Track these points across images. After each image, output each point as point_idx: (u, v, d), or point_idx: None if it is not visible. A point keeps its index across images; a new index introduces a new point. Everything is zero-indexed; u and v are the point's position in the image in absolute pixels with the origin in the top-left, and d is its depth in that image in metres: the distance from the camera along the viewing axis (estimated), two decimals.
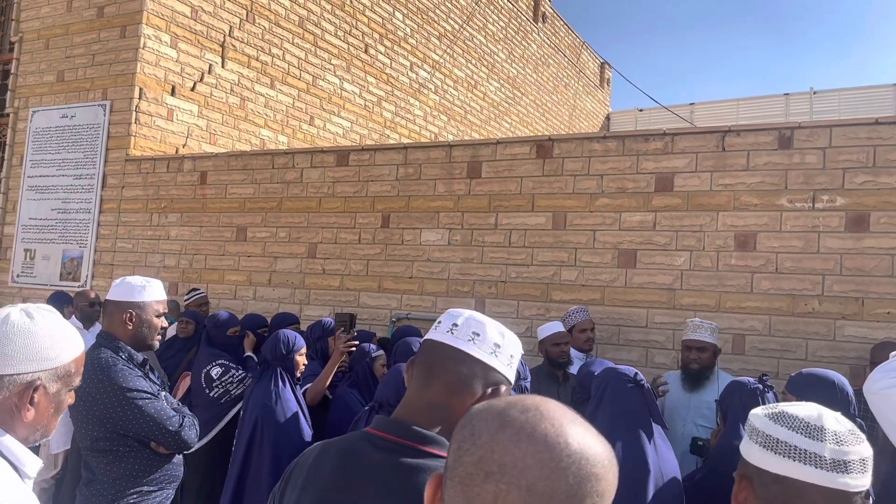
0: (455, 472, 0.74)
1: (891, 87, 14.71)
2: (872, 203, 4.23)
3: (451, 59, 11.68)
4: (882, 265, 4.18)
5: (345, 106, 9.58)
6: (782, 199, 4.45)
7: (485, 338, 1.27)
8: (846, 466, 1.09)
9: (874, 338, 4.12)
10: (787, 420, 1.15)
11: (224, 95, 7.97)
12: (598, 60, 17.58)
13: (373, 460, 1.22)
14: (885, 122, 4.28)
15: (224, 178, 6.55)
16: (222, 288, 6.41)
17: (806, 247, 4.37)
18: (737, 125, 4.71)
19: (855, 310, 4.23)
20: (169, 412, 2.57)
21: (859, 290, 4.22)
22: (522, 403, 0.76)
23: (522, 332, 5.15)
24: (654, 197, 4.80)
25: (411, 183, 5.66)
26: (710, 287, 4.59)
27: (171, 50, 7.40)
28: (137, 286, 2.66)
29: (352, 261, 5.83)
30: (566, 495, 0.69)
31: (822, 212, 4.35)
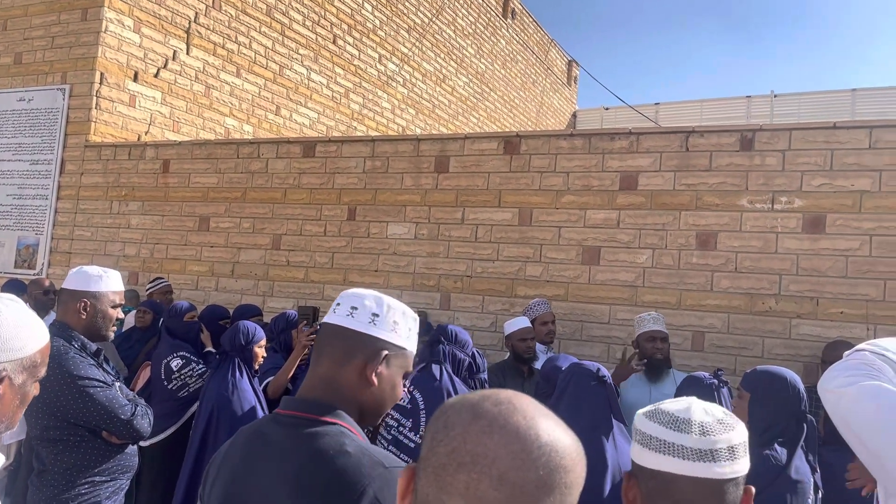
0: (428, 462, 0.76)
1: (848, 91, 15.08)
2: (829, 205, 4.34)
3: (420, 53, 11.65)
4: (836, 266, 4.30)
5: (312, 96, 9.49)
6: (743, 199, 4.54)
7: (362, 311, 1.37)
8: (713, 455, 1.12)
9: (827, 337, 4.24)
10: (659, 416, 1.18)
11: (188, 83, 7.83)
12: (565, 58, 17.69)
13: (276, 437, 1.32)
14: (843, 127, 4.39)
15: (187, 167, 6.45)
16: (184, 278, 6.31)
17: (764, 247, 4.46)
18: (700, 126, 4.80)
19: (810, 309, 4.34)
20: (121, 401, 2.53)
21: (814, 290, 4.34)
22: (496, 397, 0.78)
23: (487, 326, 5.18)
24: (618, 195, 4.86)
25: (378, 176, 5.63)
26: (671, 285, 4.67)
27: (133, 35, 7.24)
28: (94, 276, 2.62)
29: (317, 253, 5.79)
30: (536, 485, 0.71)
31: (781, 213, 4.45)
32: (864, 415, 1.27)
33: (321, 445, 1.26)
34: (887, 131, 4.26)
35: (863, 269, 4.24)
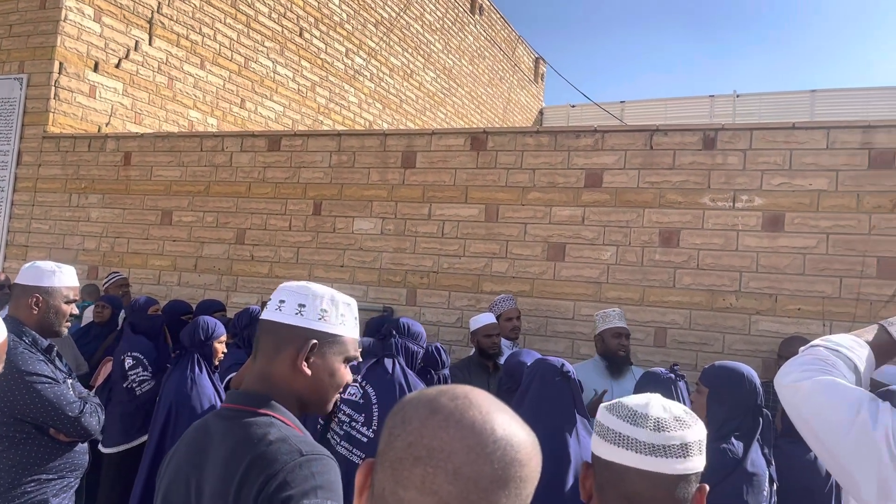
0: (386, 456, 0.76)
1: (808, 93, 15.42)
2: (787, 204, 4.44)
3: (388, 47, 11.60)
4: (794, 263, 4.39)
5: (277, 90, 9.39)
6: (705, 197, 4.62)
7: (289, 303, 1.41)
8: (665, 450, 1.13)
9: (785, 332, 4.34)
10: (618, 409, 1.20)
11: (151, 74, 7.69)
12: (532, 55, 17.77)
13: (216, 428, 1.38)
14: (801, 128, 4.49)
15: (149, 160, 6.33)
16: (145, 273, 6.21)
17: (725, 244, 4.55)
18: (664, 125, 4.86)
19: (769, 305, 4.44)
20: (70, 398, 2.48)
21: (773, 287, 4.43)
22: (453, 392, 0.78)
23: (453, 322, 5.19)
24: (583, 192, 4.91)
25: (344, 170, 5.60)
26: (634, 281, 4.73)
27: (94, 24, 7.08)
28: (47, 271, 2.57)
29: (281, 248, 5.74)
30: (490, 479, 0.71)
31: (742, 211, 4.53)
32: (817, 409, 1.31)
33: (247, 434, 1.32)
34: (844, 132, 4.37)
35: (819, 267, 4.34)
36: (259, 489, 1.24)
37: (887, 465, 1.20)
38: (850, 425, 1.25)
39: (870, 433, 1.23)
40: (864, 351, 1.40)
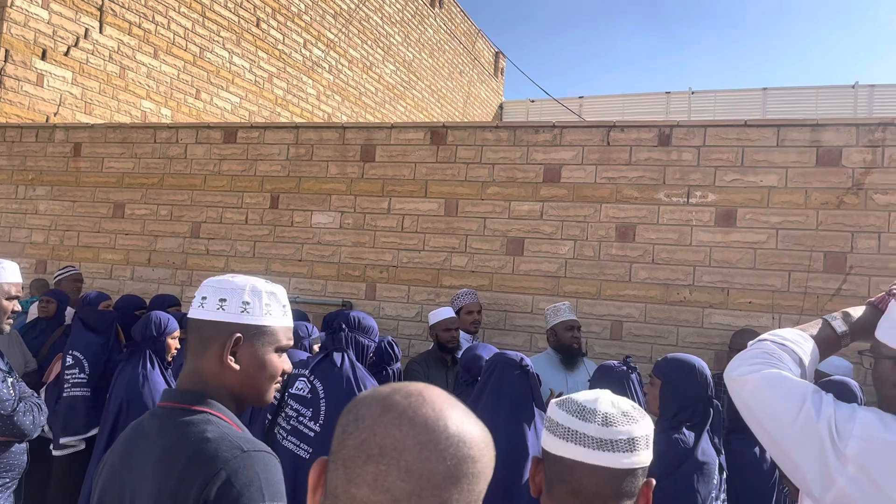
0: (338, 454, 0.76)
1: (760, 90, 15.78)
2: (739, 200, 4.54)
3: (347, 39, 11.50)
4: (746, 258, 4.50)
5: (234, 80, 9.24)
6: (660, 193, 4.70)
7: (210, 299, 1.41)
8: (612, 445, 1.15)
9: (737, 325, 4.44)
10: (567, 405, 1.22)
11: (102, 63, 7.49)
12: (492, 49, 17.82)
13: (151, 427, 1.36)
14: (753, 125, 4.60)
15: (100, 151, 6.17)
16: (97, 267, 6.06)
17: (680, 239, 4.63)
18: (621, 121, 4.92)
19: (721, 299, 4.54)
20: (3, 395, 2.42)
21: (725, 281, 4.53)
22: (406, 389, 0.78)
23: (413, 316, 5.19)
24: (542, 187, 4.95)
25: (302, 164, 5.54)
26: (591, 275, 4.79)
27: (41, 10, 6.86)
28: None
29: (238, 241, 5.66)
30: (443, 476, 0.72)
31: (695, 206, 4.62)
32: (764, 401, 1.34)
33: (184, 432, 1.30)
34: (793, 130, 4.49)
35: (769, 262, 4.46)
36: (200, 488, 1.22)
37: (830, 454, 1.24)
38: (796, 416, 1.29)
39: (813, 423, 1.27)
40: (808, 345, 1.44)
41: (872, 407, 1.30)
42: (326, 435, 2.50)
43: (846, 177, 4.37)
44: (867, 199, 4.33)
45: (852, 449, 1.22)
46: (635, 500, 1.18)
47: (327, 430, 2.50)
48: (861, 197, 4.34)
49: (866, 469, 1.21)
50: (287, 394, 2.69)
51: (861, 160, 4.35)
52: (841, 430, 1.25)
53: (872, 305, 1.49)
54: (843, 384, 2.83)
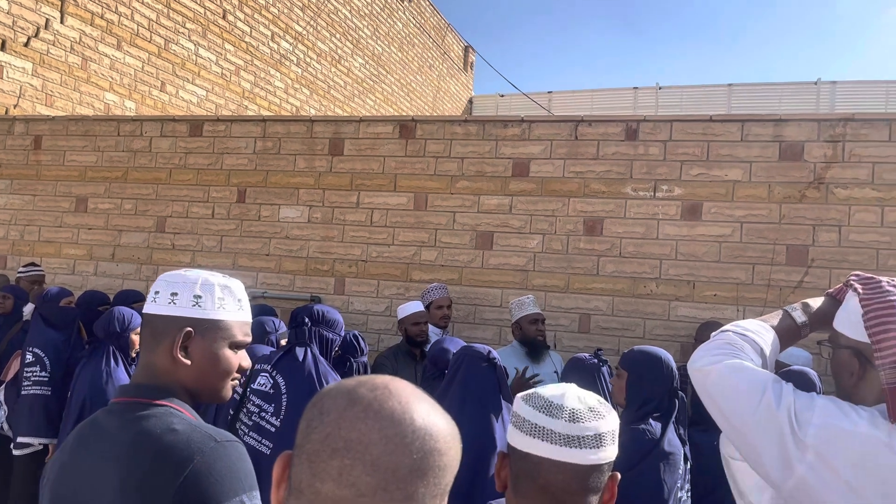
0: (303, 448, 0.75)
1: (725, 86, 16.01)
2: (705, 194, 4.60)
3: (315, 32, 11.39)
4: (711, 251, 4.57)
5: (199, 73, 9.10)
6: (627, 187, 4.74)
7: (163, 293, 1.38)
8: (579, 441, 1.15)
9: (702, 318, 4.51)
10: (534, 400, 1.22)
11: (63, 54, 7.32)
12: (462, 43, 17.80)
13: (106, 424, 1.32)
14: (718, 120, 4.66)
15: (62, 144, 6.04)
16: (59, 262, 5.93)
17: (646, 233, 4.68)
18: (589, 115, 4.95)
19: (687, 292, 4.60)
20: None
21: (691, 274, 4.60)
22: (372, 382, 0.77)
23: (382, 311, 5.17)
24: (511, 181, 4.96)
25: (270, 157, 5.49)
26: (560, 269, 4.82)
27: (1, 0, 6.68)
28: None
29: (204, 236, 5.58)
30: (409, 469, 0.71)
31: (662, 200, 4.67)
32: (726, 391, 1.37)
33: (147, 426, 1.26)
34: (757, 125, 4.56)
35: (734, 255, 4.53)
36: (173, 480, 1.18)
37: (789, 443, 1.26)
38: (756, 405, 1.31)
39: (774, 412, 1.29)
40: (769, 335, 1.47)
41: (831, 395, 1.33)
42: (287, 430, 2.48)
43: (808, 171, 4.45)
44: (828, 193, 4.42)
45: (811, 437, 1.25)
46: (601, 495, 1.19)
47: (288, 426, 2.48)
48: (822, 191, 4.43)
49: (824, 456, 1.23)
50: (249, 389, 2.66)
51: (822, 155, 4.43)
52: (800, 418, 1.27)
53: (831, 297, 1.52)
54: (803, 374, 2.89)
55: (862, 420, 1.25)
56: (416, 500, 0.71)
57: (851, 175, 4.39)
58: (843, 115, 4.49)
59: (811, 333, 1.52)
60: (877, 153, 4.36)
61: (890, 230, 4.31)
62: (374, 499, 0.70)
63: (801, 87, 15.46)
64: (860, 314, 1.34)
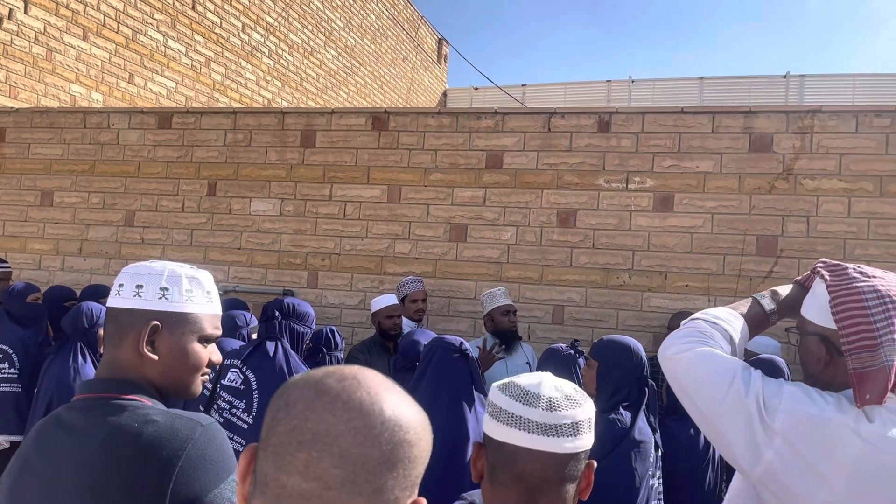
0: (269, 441, 0.73)
1: (696, 80, 16.15)
2: (676, 185, 4.64)
3: (287, 24, 11.27)
4: (683, 242, 4.61)
5: (169, 65, 8.95)
6: (600, 179, 4.76)
7: (127, 286, 1.33)
8: (556, 430, 1.15)
9: (674, 308, 4.55)
10: (510, 389, 1.20)
11: (27, 45, 7.15)
12: (436, 36, 17.74)
13: (72, 422, 1.24)
14: (689, 112, 4.69)
15: (27, 137, 5.91)
16: (24, 257, 5.81)
17: (619, 224, 4.71)
18: (562, 108, 4.96)
19: (659, 283, 4.64)
20: None
21: (663, 265, 4.63)
22: (340, 373, 0.75)
23: (356, 304, 5.14)
24: (484, 173, 4.95)
25: (241, 150, 5.42)
26: (533, 261, 4.83)
27: None
28: None
29: (174, 230, 5.50)
30: (378, 461, 0.69)
31: (634, 192, 4.70)
32: (696, 378, 1.37)
33: (121, 421, 1.20)
34: (727, 117, 4.60)
35: (705, 245, 4.57)
36: (166, 471, 1.12)
37: (758, 429, 1.27)
38: (726, 392, 1.32)
39: (743, 399, 1.30)
40: (738, 322, 1.47)
41: (799, 382, 1.34)
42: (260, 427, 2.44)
43: (777, 162, 4.50)
44: (797, 185, 4.47)
45: (779, 423, 1.26)
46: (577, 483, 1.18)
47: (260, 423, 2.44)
48: (791, 182, 4.48)
49: (792, 442, 1.24)
50: (219, 385, 2.61)
51: (791, 146, 4.49)
52: (768, 404, 1.28)
53: (799, 284, 1.54)
54: (771, 362, 2.92)
55: (829, 405, 1.26)
56: (385, 492, 0.70)
57: (819, 166, 4.45)
58: (811, 107, 4.54)
59: (780, 321, 1.54)
60: (844, 144, 4.42)
61: (857, 220, 4.38)
62: (342, 492, 0.68)
63: (771, 81, 15.65)
64: (827, 301, 1.35)
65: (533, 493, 1.15)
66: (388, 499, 0.70)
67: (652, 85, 16.58)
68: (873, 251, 4.33)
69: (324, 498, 0.68)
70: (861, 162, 4.39)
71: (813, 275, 1.46)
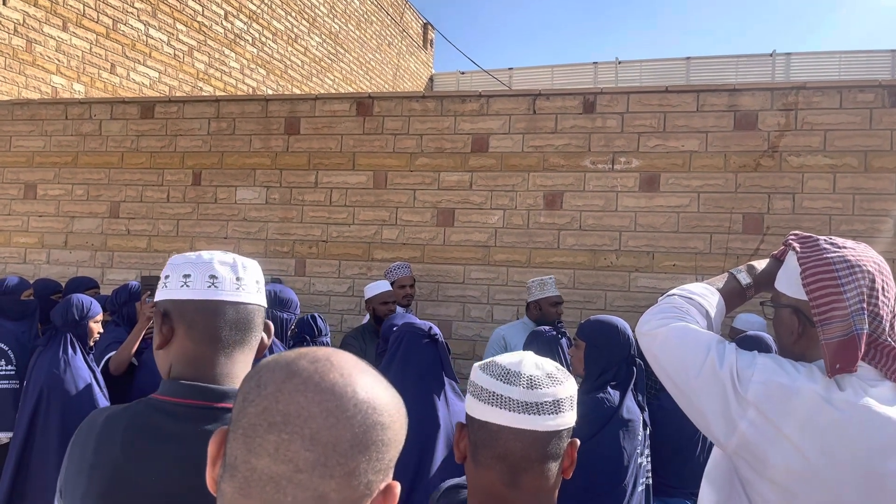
0: (239, 423, 0.71)
1: (683, 60, 16.13)
2: (662, 165, 4.64)
3: (270, 10, 11.16)
4: (669, 222, 4.61)
5: (151, 54, 8.85)
6: (586, 160, 4.75)
7: (247, 280, 1.25)
8: (538, 408, 1.14)
9: (662, 288, 4.56)
10: (491, 368, 1.20)
11: (6, 37, 7.05)
12: (421, 21, 17.62)
13: (171, 430, 1.14)
14: (674, 91, 4.68)
15: (8, 129, 5.84)
16: (9, 251, 5.76)
17: (606, 205, 4.71)
18: (546, 89, 4.94)
19: (646, 263, 4.65)
20: None
21: (650, 245, 4.64)
22: (313, 354, 0.74)
23: (344, 291, 5.13)
24: (470, 157, 4.94)
25: (225, 138, 5.37)
26: (521, 244, 4.83)
27: None
28: None
29: (160, 220, 5.46)
30: (350, 444, 0.68)
31: (620, 173, 4.70)
32: (671, 353, 1.38)
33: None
34: (712, 95, 4.60)
35: (691, 225, 4.58)
36: None
37: (731, 400, 1.28)
38: (701, 366, 1.32)
39: (717, 371, 1.30)
40: (714, 297, 1.48)
41: (772, 354, 1.35)
42: None
43: (762, 140, 4.51)
44: (782, 162, 4.48)
45: (752, 393, 1.26)
46: (560, 461, 1.18)
47: None
48: (776, 159, 4.49)
49: (765, 412, 1.25)
50: None
51: (776, 123, 4.49)
52: (742, 375, 1.29)
53: (774, 258, 1.54)
54: (759, 339, 2.93)
55: (800, 375, 1.27)
56: (357, 475, 0.68)
57: (804, 143, 4.46)
58: (795, 83, 4.55)
59: (756, 295, 1.54)
60: (828, 120, 4.43)
61: (842, 196, 4.39)
62: (313, 474, 0.67)
63: (758, 60, 15.65)
64: (798, 272, 1.35)
65: (515, 472, 1.15)
66: (361, 482, 0.69)
67: (639, 66, 16.55)
68: (858, 226, 4.35)
69: (294, 481, 0.67)
70: (846, 138, 4.40)
71: (786, 248, 1.47)
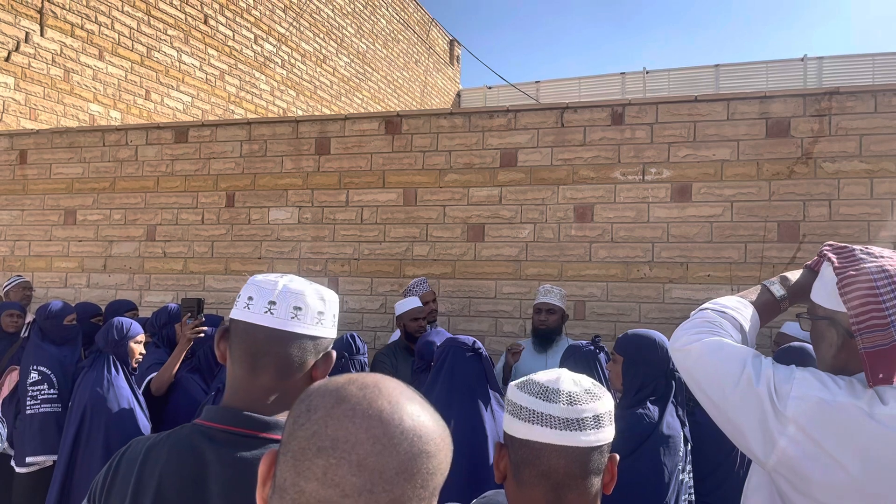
0: (288, 446, 0.73)
1: (712, 67, 15.99)
2: (694, 175, 4.59)
3: (298, 33, 11.35)
4: (702, 232, 4.56)
5: (184, 80, 9.05)
6: (616, 172, 4.73)
7: (307, 311, 1.24)
8: (579, 424, 1.14)
9: (696, 299, 4.50)
10: (529, 387, 1.20)
11: (45, 67, 7.27)
12: (447, 37, 17.75)
13: (212, 456, 1.15)
14: (704, 100, 4.65)
15: (48, 157, 6.01)
16: (51, 276, 5.90)
17: (637, 217, 4.67)
18: (574, 102, 4.94)
19: (680, 274, 4.59)
20: None
21: (683, 256, 4.59)
22: (362, 380, 0.76)
23: (377, 308, 5.16)
24: (499, 172, 4.94)
25: (257, 160, 5.46)
26: (552, 257, 4.81)
27: None
28: None
29: (195, 242, 5.56)
30: (396, 471, 0.69)
31: (651, 183, 4.66)
32: (706, 368, 1.36)
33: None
34: (743, 103, 4.55)
35: (725, 234, 4.52)
36: None
37: (770, 416, 1.26)
38: (737, 381, 1.30)
39: (754, 387, 1.28)
40: (748, 311, 1.45)
41: (811, 367, 1.32)
42: None
43: (795, 146, 4.44)
44: (817, 168, 4.41)
45: (791, 409, 1.24)
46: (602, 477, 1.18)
47: None
48: (811, 166, 4.42)
49: (805, 428, 1.22)
50: None
51: (809, 129, 4.43)
52: (780, 391, 1.26)
53: (809, 268, 1.52)
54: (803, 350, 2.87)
55: (840, 390, 1.24)
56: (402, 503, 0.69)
57: (839, 148, 4.38)
58: (828, 88, 4.48)
59: (791, 306, 1.52)
60: (863, 125, 4.35)
61: (880, 202, 4.31)
62: (359, 500, 0.68)
63: (789, 64, 15.45)
64: (835, 283, 1.33)
65: (559, 489, 1.15)
66: None
67: (667, 75, 16.44)
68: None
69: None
70: (882, 142, 4.32)
71: (821, 258, 1.44)
